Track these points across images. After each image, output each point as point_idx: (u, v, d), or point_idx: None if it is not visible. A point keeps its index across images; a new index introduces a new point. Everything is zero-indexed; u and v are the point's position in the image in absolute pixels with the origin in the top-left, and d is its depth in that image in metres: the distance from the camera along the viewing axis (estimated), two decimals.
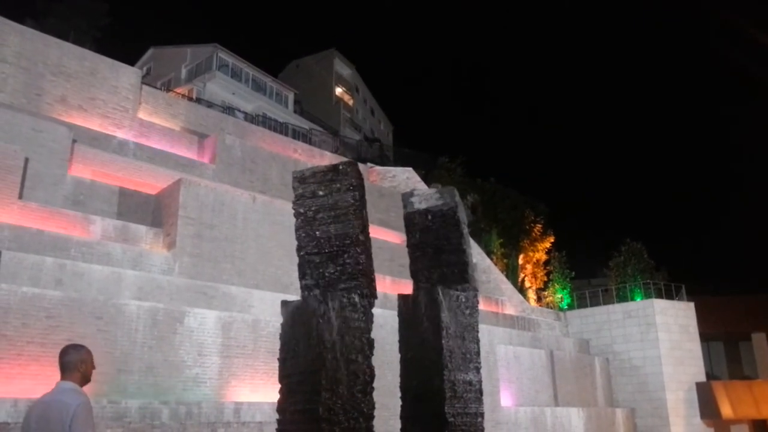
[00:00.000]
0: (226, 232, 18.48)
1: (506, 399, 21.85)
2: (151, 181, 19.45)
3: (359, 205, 9.61)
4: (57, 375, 4.52)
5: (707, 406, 26.51)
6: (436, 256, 11.48)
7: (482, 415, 10.60)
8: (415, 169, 31.81)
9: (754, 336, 33.90)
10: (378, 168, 31.59)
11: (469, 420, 10.36)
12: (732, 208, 53.28)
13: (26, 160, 16.57)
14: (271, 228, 19.08)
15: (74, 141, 18.44)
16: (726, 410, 26.44)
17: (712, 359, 33.38)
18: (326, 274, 9.44)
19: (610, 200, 60.57)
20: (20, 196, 16.08)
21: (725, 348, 34.95)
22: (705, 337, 29.66)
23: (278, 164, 23.26)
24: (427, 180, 32.24)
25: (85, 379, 4.29)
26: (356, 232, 9.91)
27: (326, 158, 27.47)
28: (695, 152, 58.18)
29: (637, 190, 63.86)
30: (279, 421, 9.32)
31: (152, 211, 18.95)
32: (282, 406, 9.31)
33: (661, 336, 26.93)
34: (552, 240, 35.67)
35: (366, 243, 9.43)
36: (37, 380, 11.62)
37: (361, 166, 29.32)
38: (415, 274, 11.65)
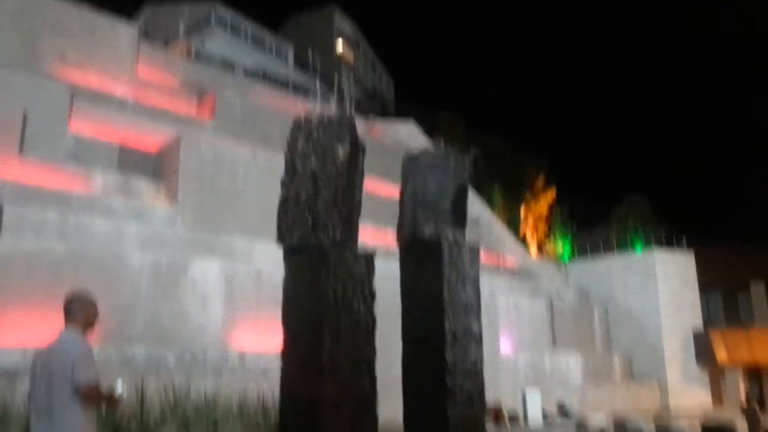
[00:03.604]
0: (227, 185, 18.55)
1: (506, 346, 22.27)
2: (151, 138, 19.43)
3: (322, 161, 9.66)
4: (62, 324, 4.61)
5: (703, 354, 27.01)
6: (437, 209, 11.62)
7: (482, 361, 10.86)
8: (417, 123, 31.63)
9: (753, 286, 34.18)
10: (379, 121, 31.43)
11: (469, 366, 10.62)
12: (738, 159, 53.07)
13: (25, 117, 16.54)
14: (272, 183, 19.03)
15: (73, 98, 18.35)
16: (721, 356, 26.95)
17: (710, 308, 33.75)
18: (329, 226, 9.57)
19: (613, 152, 60.25)
20: (20, 152, 16.12)
21: (723, 297, 35.29)
22: (704, 287, 29.95)
23: (279, 120, 23.09)
24: (429, 134, 32.11)
25: (87, 326, 4.40)
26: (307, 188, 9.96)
27: (326, 112, 27.29)
28: (699, 103, 57.56)
29: (641, 142, 63.43)
30: (283, 368, 9.57)
31: (153, 168, 18.99)
32: (285, 354, 9.55)
33: (660, 286, 27.22)
34: (554, 192, 35.70)
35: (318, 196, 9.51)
36: (43, 330, 11.85)
37: (362, 119, 29.18)
38: (414, 226, 11.80)
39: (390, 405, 14.11)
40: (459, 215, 11.74)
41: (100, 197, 16.25)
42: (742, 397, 20.89)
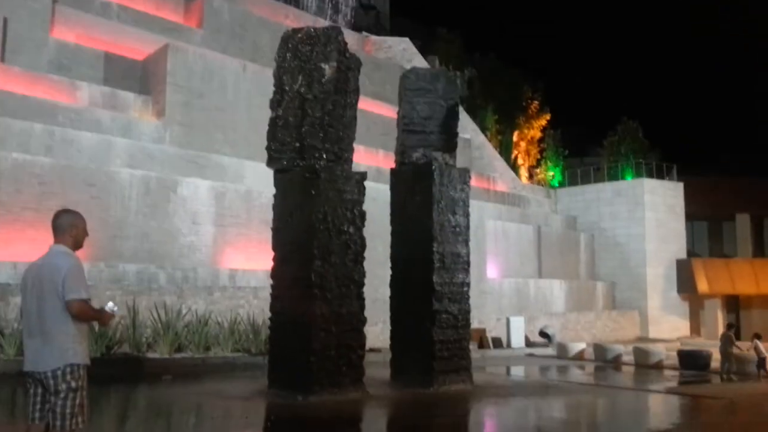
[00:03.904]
0: (216, 101, 18.11)
1: (492, 271, 22.63)
2: (137, 46, 18.74)
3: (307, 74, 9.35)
4: (52, 239, 4.55)
5: (685, 282, 27.64)
6: (426, 132, 11.45)
7: (468, 284, 11.06)
8: (413, 40, 30.69)
9: (738, 217, 34.65)
10: (373, 38, 30.45)
11: (456, 289, 10.82)
12: (730, 89, 52.36)
13: (5, 21, 15.84)
14: (262, 98, 18.59)
15: (55, 1, 17.52)
16: (702, 286, 27.60)
17: (695, 238, 34.29)
18: (318, 148, 9.42)
19: (610, 77, 59.17)
20: (2, 60, 15.54)
21: (709, 227, 35.81)
22: (690, 217, 30.30)
23: (269, 31, 22.29)
24: (425, 52, 31.24)
25: (76, 244, 4.30)
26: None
27: (319, 25, 26.30)
28: (696, 32, 56.20)
29: (638, 68, 62.26)
30: (273, 287, 9.69)
31: (139, 78, 18.43)
32: (276, 273, 9.64)
33: (647, 215, 27.47)
34: (548, 117, 35.25)
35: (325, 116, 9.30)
36: (33, 244, 11.84)
37: (356, 35, 28.23)
38: (405, 149, 11.67)
39: (377, 325, 14.40)
40: (449, 137, 11.60)
41: (87, 110, 15.85)
42: (722, 326, 21.68)
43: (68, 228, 4.30)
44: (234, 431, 7.34)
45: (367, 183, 10.01)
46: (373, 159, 20.51)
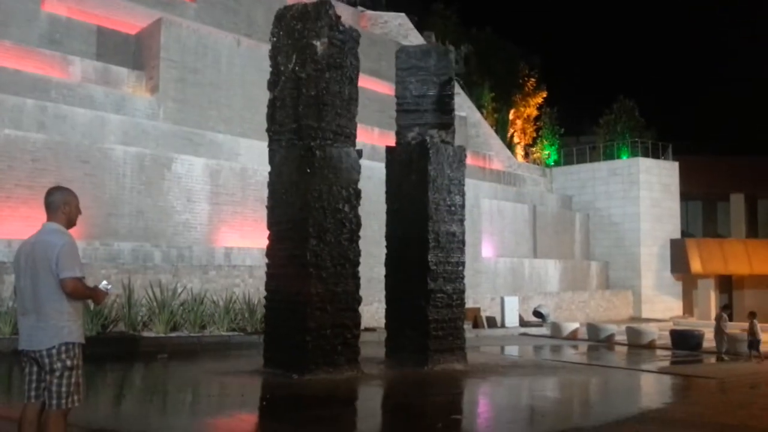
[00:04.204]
0: (211, 77, 17.92)
1: (487, 250, 22.67)
2: (130, 20, 18.46)
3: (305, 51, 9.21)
4: (45, 217, 4.51)
5: (678, 262, 27.77)
6: (421, 111, 11.37)
7: (463, 264, 11.08)
8: (409, 15, 30.35)
9: (733, 197, 34.74)
10: (369, 13, 30.07)
11: (451, 268, 10.84)
12: (727, 68, 52.06)
13: None
14: (257, 74, 18.43)
15: None
16: (696, 265, 27.74)
17: (689, 217, 34.39)
18: (314, 126, 9.34)
19: (607, 55, 58.79)
20: None
21: (703, 207, 35.92)
22: (685, 197, 30.32)
23: (263, 5, 22.00)
24: (421, 28, 30.94)
25: (69, 221, 4.26)
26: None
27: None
28: (693, 10, 55.79)
29: (635, 46, 61.84)
30: (268, 265, 9.68)
31: (133, 53, 18.19)
32: (271, 252, 9.63)
33: (642, 194, 27.49)
34: (544, 95, 35.08)
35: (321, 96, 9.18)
36: (27, 222, 11.77)
37: (351, 10, 27.89)
38: (401, 129, 11.58)
39: (373, 304, 14.43)
40: (444, 114, 11.51)
41: (80, 85, 15.66)
42: (714, 306, 21.78)
43: (61, 205, 4.26)
44: (230, 409, 7.36)
45: (362, 161, 9.96)
46: (368, 137, 20.39)
